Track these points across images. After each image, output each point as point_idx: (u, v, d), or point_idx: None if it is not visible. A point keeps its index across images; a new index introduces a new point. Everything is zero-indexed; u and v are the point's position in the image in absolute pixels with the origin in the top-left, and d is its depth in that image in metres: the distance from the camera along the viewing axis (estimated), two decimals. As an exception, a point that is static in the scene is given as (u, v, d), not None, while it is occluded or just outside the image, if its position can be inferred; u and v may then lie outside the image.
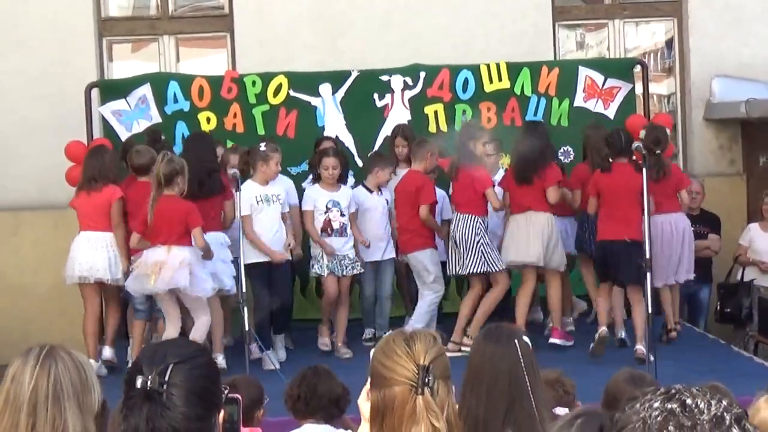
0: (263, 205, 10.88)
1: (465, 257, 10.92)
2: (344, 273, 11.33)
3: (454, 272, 11.25)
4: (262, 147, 10.92)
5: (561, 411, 5.19)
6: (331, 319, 11.57)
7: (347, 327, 11.56)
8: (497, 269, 10.94)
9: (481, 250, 10.87)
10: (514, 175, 11.04)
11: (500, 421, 4.37)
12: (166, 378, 2.94)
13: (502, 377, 4.41)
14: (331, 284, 11.32)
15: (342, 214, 11.30)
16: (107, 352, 11.13)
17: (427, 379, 3.35)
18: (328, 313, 11.56)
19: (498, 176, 11.59)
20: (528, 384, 4.42)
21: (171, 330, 10.21)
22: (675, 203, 11.18)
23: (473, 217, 10.92)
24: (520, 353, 4.44)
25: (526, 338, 4.56)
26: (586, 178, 11.27)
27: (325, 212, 11.28)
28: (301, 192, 11.58)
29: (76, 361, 3.49)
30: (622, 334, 10.94)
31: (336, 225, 11.29)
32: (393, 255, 11.70)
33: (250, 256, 10.65)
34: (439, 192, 11.58)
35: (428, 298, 11.27)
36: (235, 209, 10.54)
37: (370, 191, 11.62)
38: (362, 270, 11.49)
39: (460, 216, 11.01)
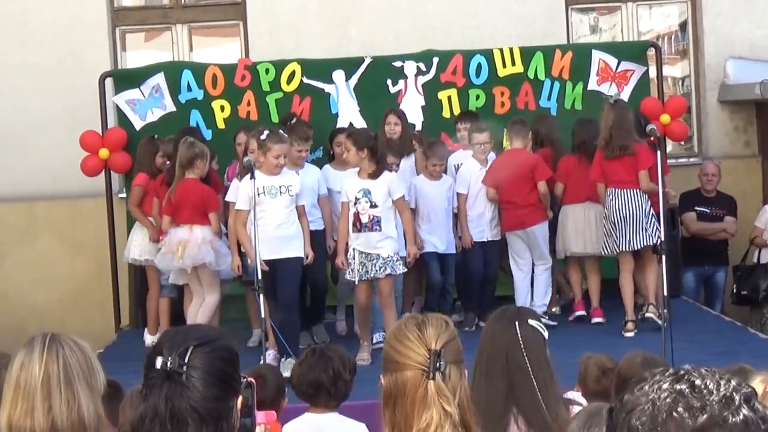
0: (266, 197, 9.87)
1: (629, 232, 10.78)
2: (375, 275, 10.12)
3: (611, 251, 11.02)
4: (264, 135, 10.03)
5: (572, 395, 5.20)
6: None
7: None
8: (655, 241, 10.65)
9: (643, 225, 10.78)
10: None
11: (503, 401, 4.39)
12: (186, 360, 2.96)
13: (499, 355, 4.43)
14: (360, 292, 10.32)
15: (374, 206, 10.15)
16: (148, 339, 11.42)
17: (438, 364, 3.35)
18: (363, 323, 10.55)
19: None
20: (529, 366, 4.43)
21: (196, 304, 10.63)
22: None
23: (634, 192, 10.81)
24: (519, 335, 4.45)
25: (533, 322, 4.55)
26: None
27: (354, 203, 10.17)
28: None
29: (80, 345, 3.58)
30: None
31: (365, 219, 10.17)
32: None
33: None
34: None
35: (545, 272, 11.38)
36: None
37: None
38: (404, 270, 10.49)
39: (620, 192, 10.87)
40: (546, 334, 4.58)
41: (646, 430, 1.96)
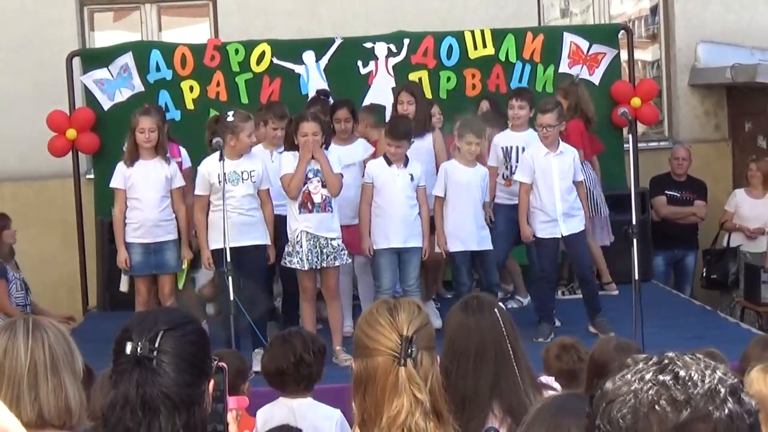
0: (228, 184, 9.33)
1: None
2: (325, 264, 9.51)
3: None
4: (230, 116, 9.50)
5: (545, 379, 5.18)
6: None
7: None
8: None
9: None
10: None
11: (487, 395, 4.34)
12: (156, 344, 2.92)
13: (489, 350, 4.38)
14: (309, 280, 9.64)
15: (323, 185, 9.49)
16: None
17: (410, 350, 3.32)
18: (310, 315, 9.72)
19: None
20: (511, 353, 4.40)
21: None
22: None
23: None
24: (501, 322, 4.42)
25: (502, 305, 4.55)
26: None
27: (304, 183, 9.47)
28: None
29: (60, 330, 3.54)
30: None
31: (317, 198, 9.51)
32: (420, 243, 9.98)
33: (217, 240, 9.25)
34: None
35: None
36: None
37: (390, 163, 9.89)
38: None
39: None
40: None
41: (627, 423, 1.91)
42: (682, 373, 1.93)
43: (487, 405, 4.31)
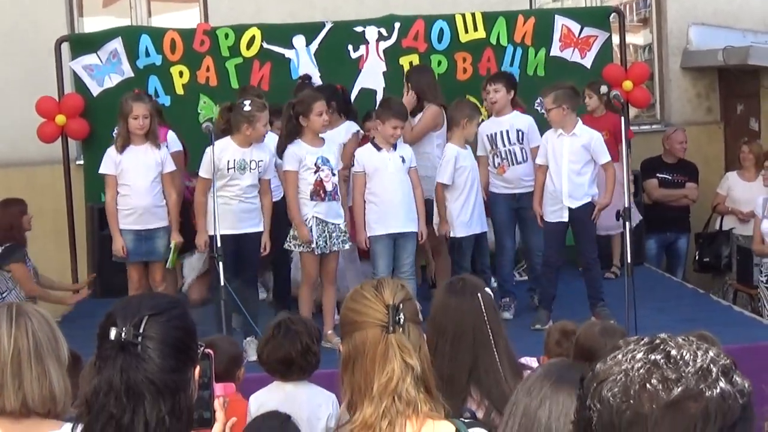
0: (235, 172, 9.35)
1: None
2: (333, 249, 9.60)
3: None
4: (246, 106, 9.32)
5: (528, 360, 5.17)
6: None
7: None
8: None
9: None
10: None
11: (465, 377, 4.34)
12: (141, 330, 2.88)
13: (467, 332, 4.38)
14: (313, 264, 9.64)
15: (333, 173, 9.58)
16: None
17: (398, 317, 3.32)
18: (309, 301, 9.76)
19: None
20: (491, 337, 4.39)
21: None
22: None
23: None
24: (483, 307, 4.41)
25: (488, 290, 4.54)
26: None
27: (315, 171, 9.52)
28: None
29: (45, 317, 3.50)
30: None
31: (329, 186, 9.54)
32: (416, 228, 9.94)
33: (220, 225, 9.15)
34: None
35: None
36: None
37: (379, 148, 9.86)
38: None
39: None
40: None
41: (618, 402, 1.90)
42: (673, 352, 1.92)
43: (464, 388, 4.31)
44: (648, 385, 1.88)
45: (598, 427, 1.92)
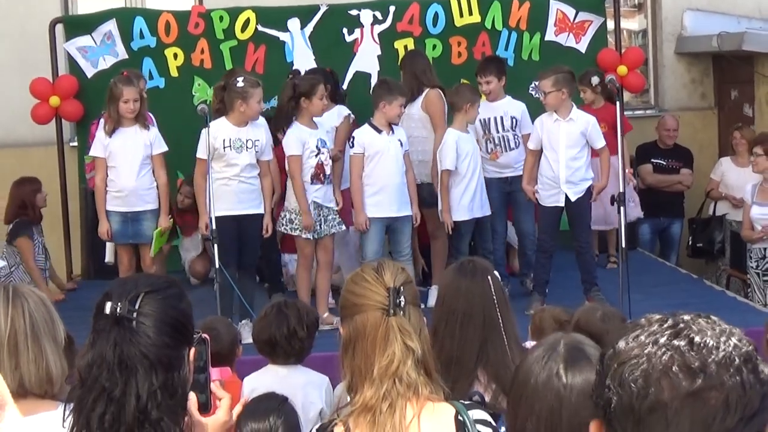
0: (231, 152, 9.31)
1: None
2: (328, 232, 9.69)
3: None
4: (240, 82, 9.31)
5: (531, 345, 5.16)
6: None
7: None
8: None
9: None
10: None
11: (473, 360, 4.33)
12: (137, 306, 2.88)
13: (476, 315, 4.37)
14: (311, 248, 9.68)
15: (330, 157, 9.68)
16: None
17: (398, 300, 3.31)
18: (307, 284, 9.73)
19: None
20: (500, 320, 4.38)
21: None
22: None
23: None
24: (492, 289, 4.41)
25: (497, 273, 4.53)
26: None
27: (317, 155, 9.54)
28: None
29: (41, 297, 3.48)
30: None
31: (328, 170, 9.61)
32: (410, 211, 9.97)
33: (219, 208, 9.16)
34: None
35: None
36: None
37: (379, 131, 9.84)
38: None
39: None
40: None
41: (638, 387, 1.90)
42: (697, 339, 1.91)
43: (473, 370, 4.31)
44: (670, 373, 1.88)
45: (617, 408, 1.92)
